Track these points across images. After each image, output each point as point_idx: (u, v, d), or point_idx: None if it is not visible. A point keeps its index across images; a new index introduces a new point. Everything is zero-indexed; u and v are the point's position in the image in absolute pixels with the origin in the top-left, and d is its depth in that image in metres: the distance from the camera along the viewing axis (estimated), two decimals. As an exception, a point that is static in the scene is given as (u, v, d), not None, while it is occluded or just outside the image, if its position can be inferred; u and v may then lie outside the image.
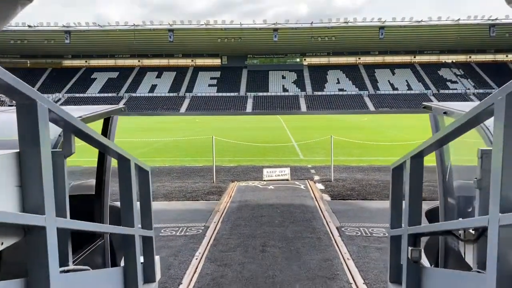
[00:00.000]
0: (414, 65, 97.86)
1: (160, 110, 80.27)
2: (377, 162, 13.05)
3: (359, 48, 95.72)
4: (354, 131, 26.23)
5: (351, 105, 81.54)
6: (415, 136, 21.60)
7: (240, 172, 11.27)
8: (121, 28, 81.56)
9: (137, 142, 19.39)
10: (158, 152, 15.94)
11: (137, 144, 18.26)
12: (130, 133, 26.24)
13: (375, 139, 19.86)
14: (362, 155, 14.66)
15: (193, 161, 13.45)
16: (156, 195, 8.66)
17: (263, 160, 13.41)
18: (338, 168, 11.66)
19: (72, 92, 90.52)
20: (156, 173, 11.18)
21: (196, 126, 33.85)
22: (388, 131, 25.68)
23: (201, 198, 8.41)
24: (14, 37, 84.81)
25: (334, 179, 10.01)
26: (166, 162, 13.32)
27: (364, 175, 10.76)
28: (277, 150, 15.90)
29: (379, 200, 8.02)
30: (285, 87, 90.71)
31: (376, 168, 11.84)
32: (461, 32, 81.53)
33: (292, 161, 13.35)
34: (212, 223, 6.57)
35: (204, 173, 11.18)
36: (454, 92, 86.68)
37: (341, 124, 34.76)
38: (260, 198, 8.07)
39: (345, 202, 7.95)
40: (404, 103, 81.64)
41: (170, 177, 10.65)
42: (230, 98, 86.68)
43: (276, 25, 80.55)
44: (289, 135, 23.01)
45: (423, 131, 26.15)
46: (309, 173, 11.12)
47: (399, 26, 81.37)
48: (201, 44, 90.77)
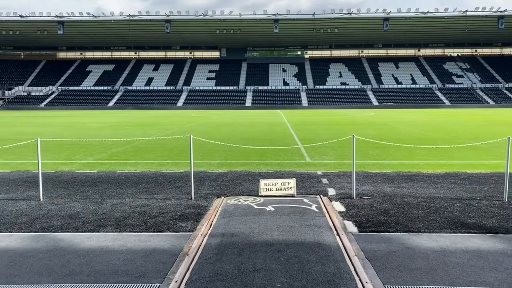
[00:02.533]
0: (419, 59, 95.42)
1: (156, 104, 77.75)
2: (403, 167, 10.40)
3: (363, 41, 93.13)
4: (363, 127, 23.57)
5: (354, 100, 79.14)
6: (435, 133, 18.97)
7: (230, 182, 8.61)
8: (116, 18, 78.64)
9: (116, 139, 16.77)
10: (136, 152, 13.31)
11: (116, 142, 15.64)
12: (114, 128, 23.59)
13: (391, 137, 17.22)
14: (381, 157, 12.01)
15: (174, 165, 10.79)
16: (103, 221, 6.02)
17: (261, 164, 10.73)
18: (356, 175, 9.08)
19: (66, 85, 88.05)
20: (119, 184, 8.54)
21: (189, 121, 31.23)
22: (402, 127, 23.00)
23: (168, 226, 5.77)
24: (5, 27, 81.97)
25: (357, 195, 7.34)
26: (139, 166, 10.66)
27: (394, 187, 8.10)
28: (278, 150, 13.27)
29: (433, 234, 5.38)
30: (286, 80, 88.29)
31: (407, 176, 9.17)
32: (469, 24, 78.70)
33: (297, 165, 10.69)
34: (172, 283, 3.96)
35: (183, 182, 8.54)
36: (460, 86, 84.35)
37: (347, 119, 32.08)
38: (254, 231, 5.41)
39: (381, 236, 5.30)
40: (409, 98, 79.31)
41: (135, 190, 8.00)
42: (229, 92, 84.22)
43: (277, 16, 77.68)
44: (291, 132, 20.34)
45: (441, 127, 23.52)
46: (321, 183, 8.46)
47: (404, 18, 78.59)
48: (199, 36, 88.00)
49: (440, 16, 76.98)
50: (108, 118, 37.21)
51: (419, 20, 78.67)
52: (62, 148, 14.26)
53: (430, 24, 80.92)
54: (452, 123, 27.53)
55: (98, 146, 14.69)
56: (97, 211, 6.50)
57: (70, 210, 6.57)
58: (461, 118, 33.42)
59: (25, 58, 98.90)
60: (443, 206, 6.63)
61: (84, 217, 6.21)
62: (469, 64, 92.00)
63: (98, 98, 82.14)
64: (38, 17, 78.86)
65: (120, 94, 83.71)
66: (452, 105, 75.56)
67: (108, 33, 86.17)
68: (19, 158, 12.07)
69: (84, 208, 6.67)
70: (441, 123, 26.93)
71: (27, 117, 39.83)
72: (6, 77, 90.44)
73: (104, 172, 9.81)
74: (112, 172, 9.74)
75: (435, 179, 8.85)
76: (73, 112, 56.68)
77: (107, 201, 7.11)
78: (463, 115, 40.08)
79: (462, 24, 78.98)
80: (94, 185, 8.42)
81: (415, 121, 29.05)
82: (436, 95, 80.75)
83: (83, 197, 7.46)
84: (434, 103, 76.80)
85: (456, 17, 77.27)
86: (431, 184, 8.29)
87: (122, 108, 76.22)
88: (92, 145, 14.88)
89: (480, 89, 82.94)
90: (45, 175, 9.17)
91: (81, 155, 12.71)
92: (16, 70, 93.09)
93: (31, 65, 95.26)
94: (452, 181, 8.63)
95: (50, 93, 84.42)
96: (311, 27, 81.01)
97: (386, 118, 33.98)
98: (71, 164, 11.03)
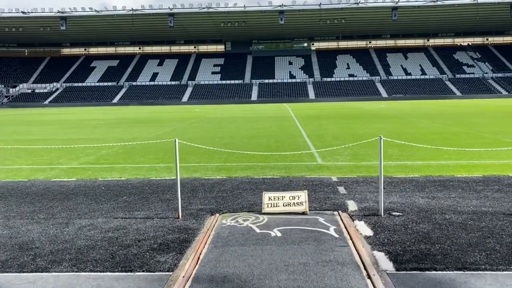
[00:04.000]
0: (428, 49, 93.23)
1: (161, 99, 76.59)
2: (432, 169, 8.92)
3: (370, 31, 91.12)
4: (375, 121, 22.03)
5: (362, 92, 77.41)
6: (455, 127, 17.39)
7: (228, 192, 7.20)
8: (119, 13, 77.33)
9: (110, 139, 15.48)
10: (127, 153, 11.95)
11: (107, 142, 14.31)
12: (111, 126, 22.31)
13: (409, 132, 15.70)
14: (403, 157, 10.53)
15: (166, 170, 9.40)
16: (60, 254, 4.64)
17: (265, 168, 9.28)
18: (377, 181, 7.67)
19: (70, 81, 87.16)
20: (96, 197, 7.15)
21: (192, 117, 29.89)
22: (418, 120, 21.40)
23: (141, 262, 4.37)
24: (8, 24, 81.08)
25: (384, 210, 5.88)
26: (126, 172, 9.29)
27: (427, 197, 6.64)
28: (285, 149, 11.85)
29: (499, 272, 3.93)
30: (292, 73, 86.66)
31: (439, 182, 7.69)
32: (480, 12, 76.40)
33: (307, 168, 9.24)
34: None
35: (172, 194, 7.13)
36: (471, 76, 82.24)
37: (357, 113, 30.50)
38: (254, 272, 3.99)
39: (428, 278, 3.86)
40: (418, 89, 77.46)
41: (113, 205, 6.61)
42: (234, 86, 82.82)
43: (282, 7, 75.87)
44: (299, 127, 18.85)
45: (459, 120, 21.94)
46: (337, 193, 7.01)
47: (413, 6, 76.44)
48: (204, 29, 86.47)
49: (450, 4, 74.74)
50: (109, 114, 35.98)
51: (428, 8, 76.48)
52: (49, 150, 12.96)
53: (440, 13, 78.70)
54: (469, 114, 25.88)
55: (87, 147, 13.37)
56: (58, 238, 5.14)
57: (24, 237, 5.21)
58: (477, 109, 31.70)
59: (29, 55, 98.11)
60: (498, 226, 5.18)
61: (38, 247, 4.85)
62: (480, 54, 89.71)
63: (103, 94, 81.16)
64: (40, 13, 77.78)
65: (124, 90, 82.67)
66: (464, 96, 73.55)
67: (111, 28, 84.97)
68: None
69: (42, 234, 5.32)
70: (458, 115, 25.31)
71: (26, 115, 38.72)
72: (10, 74, 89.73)
73: (84, 180, 8.45)
74: (93, 181, 8.37)
75: (474, 185, 7.38)
76: (75, 109, 55.61)
77: (74, 222, 5.75)
78: (478, 106, 38.32)
79: (473, 12, 76.66)
80: (66, 198, 7.06)
81: (429, 114, 27.41)
82: (446, 85, 78.75)
83: (47, 216, 6.10)
84: (445, 94, 74.85)
85: (467, 4, 75.00)
86: (472, 193, 6.82)
87: (127, 104, 75.17)
88: (81, 146, 13.58)
89: (492, 78, 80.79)
90: (12, 186, 7.84)
91: (65, 158, 11.37)
92: (20, 67, 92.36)
93: (35, 62, 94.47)
94: (495, 188, 7.15)
95: (54, 90, 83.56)
96: (317, 18, 79.11)
97: (398, 111, 32.35)
98: (50, 171, 9.69)
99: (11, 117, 34.85)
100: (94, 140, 15.12)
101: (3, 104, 79.09)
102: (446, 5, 75.19)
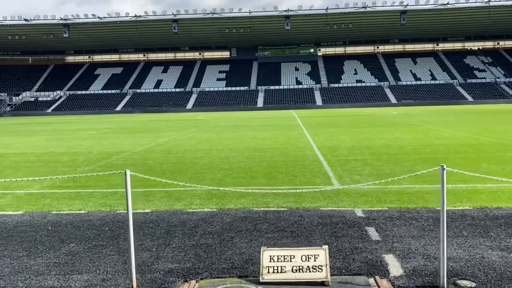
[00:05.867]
0: (437, 53, 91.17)
1: (165, 107, 75.11)
2: (482, 197, 6.86)
3: (378, 36, 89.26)
4: (391, 129, 19.97)
5: (370, 98, 75.45)
6: (486, 137, 15.24)
7: (215, 237, 5.21)
8: (122, 19, 76.12)
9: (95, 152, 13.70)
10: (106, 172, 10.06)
11: (88, 159, 12.46)
12: (103, 137, 20.48)
13: (436, 144, 13.66)
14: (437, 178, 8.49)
15: (143, 198, 7.45)
16: None
17: (268, 195, 7.25)
18: (417, 216, 5.69)
19: (74, 89, 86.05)
20: (34, 244, 5.15)
21: (192, 125, 28.04)
22: (440, 129, 19.30)
23: None
24: (11, 32, 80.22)
25: (448, 278, 3.85)
26: (91, 202, 7.34)
27: (498, 247, 4.60)
28: (293, 166, 9.90)
29: None
30: (299, 79, 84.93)
31: (502, 218, 5.62)
32: (492, 14, 74.26)
33: (322, 195, 7.21)
34: None
35: (140, 239, 5.16)
36: (482, 81, 79.99)
37: (369, 120, 28.43)
38: None
39: None
40: (428, 95, 75.38)
41: (50, 258, 4.63)
42: (240, 92, 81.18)
43: (288, 12, 74.27)
44: (307, 137, 16.86)
45: (486, 128, 19.86)
46: (368, 241, 4.95)
47: (423, 10, 74.53)
48: (208, 36, 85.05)
49: (461, 7, 72.71)
50: (107, 123, 34.24)
51: (438, 12, 74.51)
52: (15, 167, 11.11)
53: (450, 16, 76.71)
54: (492, 121, 23.75)
55: (66, 163, 11.51)
56: None
57: None
58: (498, 117, 29.49)
59: (33, 63, 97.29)
60: None
61: None
62: (491, 58, 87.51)
63: (106, 102, 79.85)
64: (42, 21, 76.80)
65: (128, 97, 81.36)
66: (476, 101, 71.34)
67: (115, 35, 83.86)
68: None
69: None
70: (480, 122, 23.20)
71: (21, 125, 37.11)
72: (14, 82, 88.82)
73: (32, 214, 6.51)
74: (43, 215, 6.44)
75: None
76: (76, 118, 54.07)
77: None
78: (495, 111, 36.16)
79: (485, 15, 74.54)
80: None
81: (448, 121, 25.28)
82: (457, 91, 76.56)
83: None
84: (456, 99, 72.65)
85: (479, 7, 72.90)
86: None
87: (130, 112, 73.74)
88: (58, 162, 11.71)
89: (505, 83, 78.54)
90: None
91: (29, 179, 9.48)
92: (24, 75, 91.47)
93: (39, 70, 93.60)
94: None
95: (57, 98, 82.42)
96: (324, 23, 77.37)
97: (413, 117, 30.25)
98: (0, 198, 7.79)
99: (3, 127, 33.20)
100: (76, 154, 13.25)
101: (6, 112, 77.98)
102: (457, 8, 73.18)
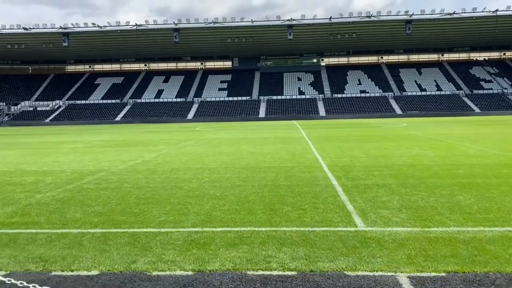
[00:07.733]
0: (443, 64, 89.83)
1: (166, 117, 73.67)
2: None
3: (382, 46, 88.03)
4: (407, 144, 18.19)
5: (375, 108, 73.91)
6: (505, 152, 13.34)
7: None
8: (123, 28, 75.03)
9: (67, 172, 12.07)
10: (64, 202, 8.34)
11: (54, 180, 10.76)
12: (86, 151, 18.78)
13: (464, 162, 11.88)
14: (494, 213, 6.70)
15: (100, 243, 5.71)
16: None
17: (269, 241, 5.48)
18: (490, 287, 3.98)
19: (74, 99, 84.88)
20: None
21: (188, 138, 26.37)
22: (463, 144, 17.50)
23: None
24: (10, 41, 79.27)
25: None
26: (32, 245, 5.60)
27: None
28: (300, 192, 8.17)
29: None
30: (302, 89, 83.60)
31: None
32: (499, 25, 72.85)
33: (342, 242, 5.32)
34: None
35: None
36: (489, 92, 78.48)
37: (379, 133, 26.66)
38: None
39: None
40: (434, 105, 73.84)
41: None
42: (241, 102, 79.86)
43: (291, 22, 73.05)
44: (315, 154, 15.10)
45: (507, 142, 18.13)
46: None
47: (428, 19, 73.20)
48: (210, 45, 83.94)
49: (468, 16, 71.37)
50: (99, 135, 32.59)
51: (444, 22, 73.21)
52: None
53: (456, 26, 75.43)
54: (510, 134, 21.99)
55: (26, 186, 9.81)
56: None
57: None
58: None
59: (33, 72, 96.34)
60: None
61: None
62: (497, 68, 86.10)
63: (106, 111, 78.56)
64: (42, 29, 75.82)
65: (128, 107, 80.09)
66: (483, 112, 69.74)
67: (115, 44, 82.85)
68: None
69: None
70: (505, 136, 21.41)
71: (8, 136, 35.53)
72: (13, 92, 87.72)
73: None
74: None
75: None
76: (70, 128, 52.50)
77: None
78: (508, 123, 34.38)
79: (491, 25, 73.20)
80: None
81: (467, 134, 23.49)
82: (464, 102, 75.01)
83: None
84: (463, 110, 71.08)
85: (486, 17, 71.56)
86: None
87: (130, 122, 72.33)
88: (18, 185, 10.01)
89: (512, 94, 77.07)
90: None
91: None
92: (24, 85, 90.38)
93: (39, 80, 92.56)
94: None
95: (56, 107, 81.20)
96: (327, 33, 76.13)
97: (425, 129, 28.49)
98: None
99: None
100: (45, 173, 11.53)
101: (4, 122, 76.67)
102: (463, 18, 71.85)
